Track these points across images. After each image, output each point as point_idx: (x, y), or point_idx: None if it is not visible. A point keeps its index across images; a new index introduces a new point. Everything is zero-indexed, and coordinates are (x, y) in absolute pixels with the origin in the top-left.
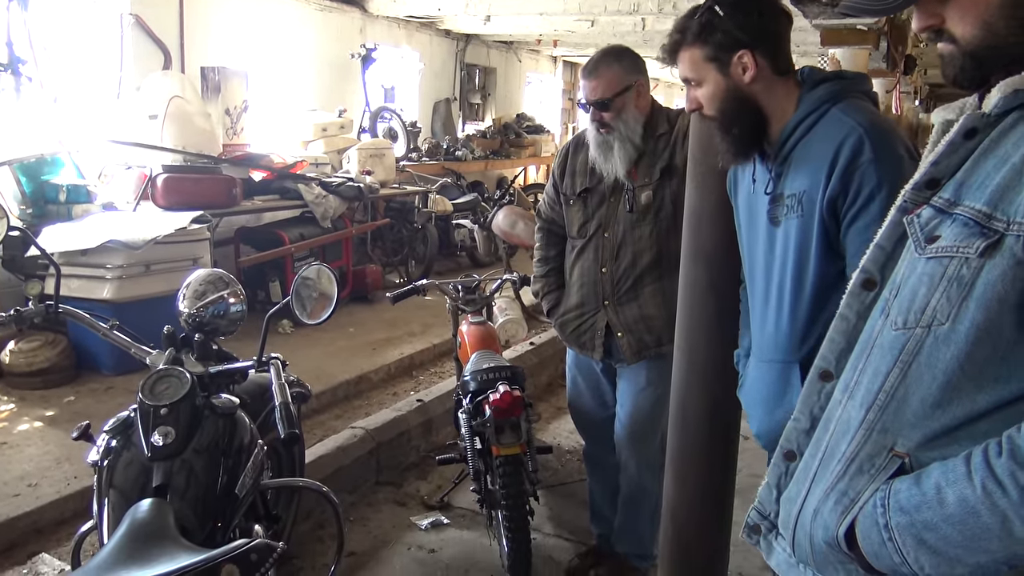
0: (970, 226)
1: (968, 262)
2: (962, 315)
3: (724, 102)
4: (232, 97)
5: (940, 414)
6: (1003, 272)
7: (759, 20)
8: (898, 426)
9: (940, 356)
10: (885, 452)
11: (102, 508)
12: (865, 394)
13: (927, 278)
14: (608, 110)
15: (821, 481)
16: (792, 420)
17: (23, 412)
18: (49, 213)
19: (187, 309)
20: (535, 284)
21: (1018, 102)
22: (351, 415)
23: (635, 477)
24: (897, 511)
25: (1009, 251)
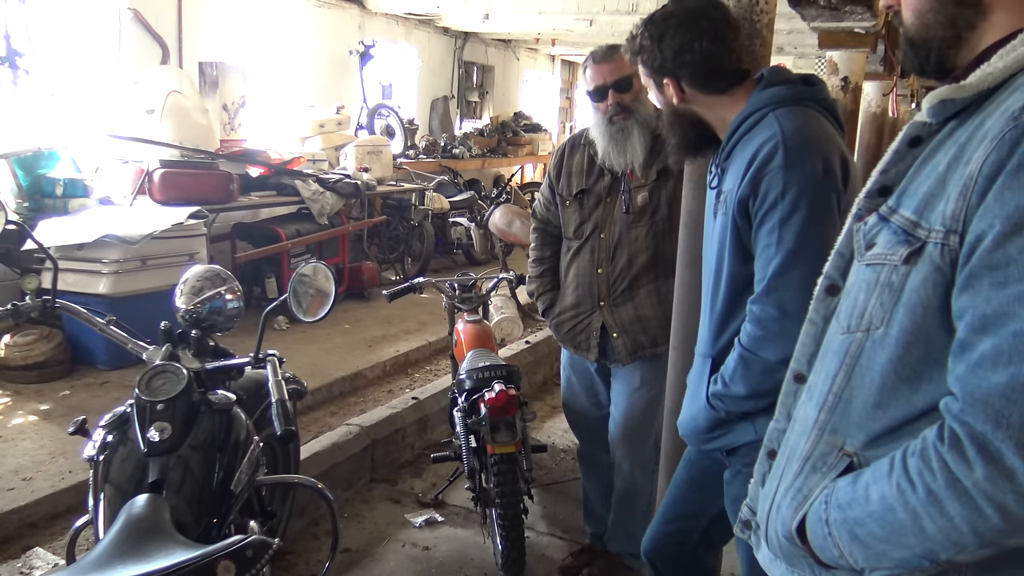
0: (898, 234)
1: (896, 269)
2: (893, 320)
3: (664, 114)
4: (230, 92)
5: (881, 415)
6: (925, 278)
7: (678, 54)
8: (845, 426)
9: (876, 359)
10: (836, 451)
11: (98, 503)
12: (819, 396)
13: (865, 284)
14: (628, 91)
15: (785, 478)
16: (773, 420)
17: (18, 406)
18: (45, 207)
19: (184, 305)
20: (530, 284)
21: (946, 113)
22: (346, 412)
23: (629, 476)
24: (835, 507)
25: (929, 258)
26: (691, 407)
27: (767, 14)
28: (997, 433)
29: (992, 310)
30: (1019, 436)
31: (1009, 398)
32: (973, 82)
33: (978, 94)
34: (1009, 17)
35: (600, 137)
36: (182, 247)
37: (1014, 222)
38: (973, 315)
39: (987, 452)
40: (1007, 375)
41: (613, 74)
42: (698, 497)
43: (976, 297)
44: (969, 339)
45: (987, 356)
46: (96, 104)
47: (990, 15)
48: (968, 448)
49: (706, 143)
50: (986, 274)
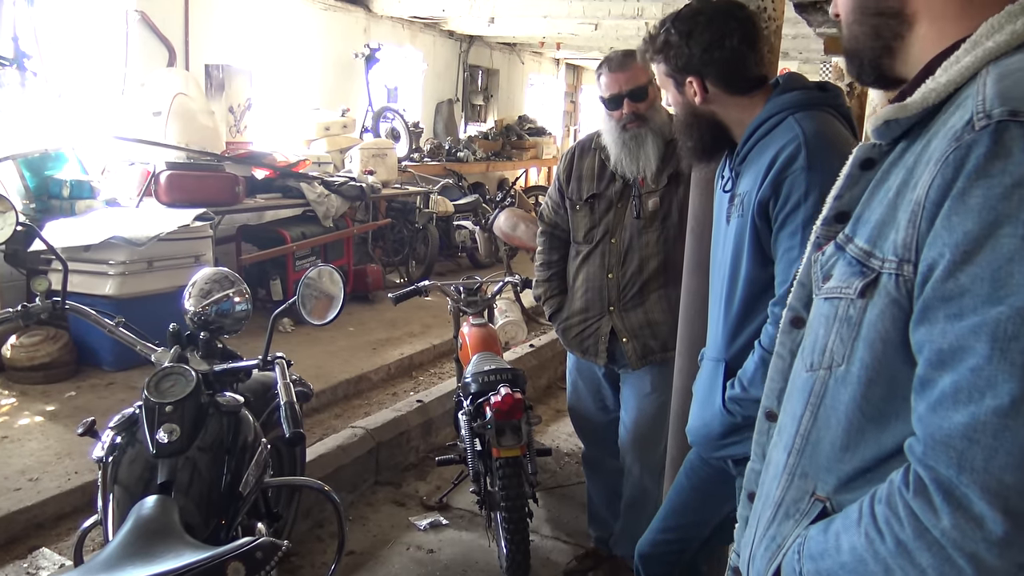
0: (853, 265)
1: (853, 303)
2: (854, 356)
3: (681, 115)
4: (236, 95)
5: (850, 456)
6: (882, 311)
7: (707, 51)
8: (815, 470)
9: (840, 398)
10: (808, 496)
11: (107, 504)
12: (787, 438)
13: (824, 319)
14: (643, 100)
15: (760, 525)
16: (750, 461)
17: (24, 406)
18: (52, 208)
19: (193, 307)
20: (537, 288)
21: (892, 134)
22: (351, 414)
23: (639, 482)
24: (807, 558)
25: (884, 290)
26: (703, 413)
27: (775, 20)
28: (961, 477)
29: (948, 344)
30: (984, 480)
31: (971, 439)
32: (916, 100)
33: (923, 111)
34: (937, 27)
35: (613, 144)
36: (188, 249)
37: (963, 250)
38: (930, 350)
39: (953, 498)
40: (967, 415)
41: (629, 83)
42: (701, 506)
43: (932, 331)
44: (928, 375)
45: (947, 394)
46: (103, 106)
47: (916, 25)
48: (934, 495)
49: (720, 147)
50: (940, 306)
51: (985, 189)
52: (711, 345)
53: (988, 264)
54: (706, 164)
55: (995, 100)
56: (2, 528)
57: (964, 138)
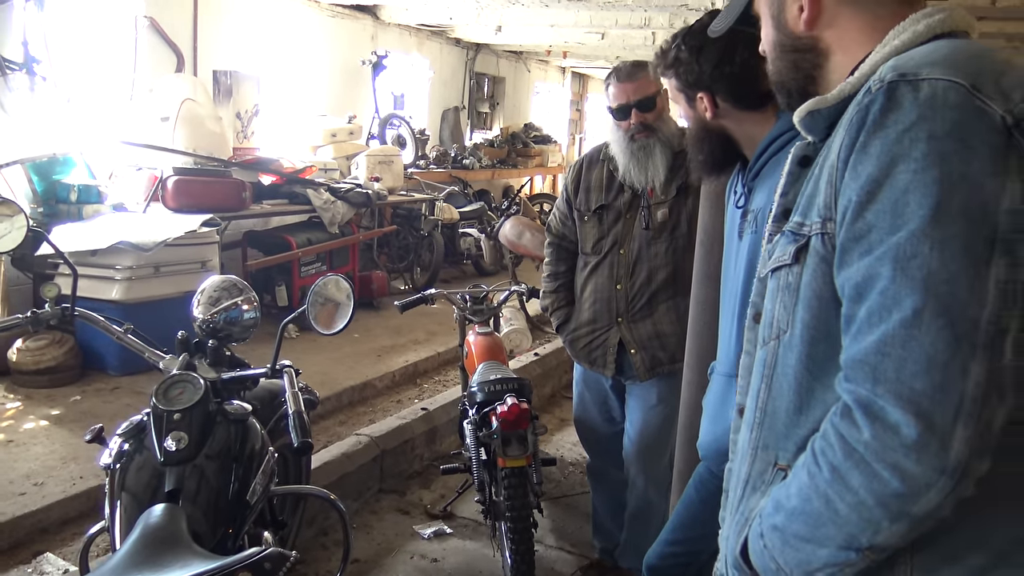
0: (788, 237)
1: (791, 269)
2: (795, 319)
3: (691, 129)
4: (243, 101)
5: (803, 420)
6: (814, 271)
7: (717, 67)
8: (774, 439)
9: (788, 362)
10: (771, 467)
11: (114, 511)
12: (748, 415)
13: (771, 293)
14: (652, 110)
15: (731, 506)
16: (729, 461)
17: (29, 410)
18: (60, 212)
19: (201, 315)
20: (544, 299)
21: (818, 126)
22: (355, 422)
23: (643, 493)
24: (766, 516)
25: (814, 250)
26: (715, 428)
27: None
28: (876, 389)
29: (862, 277)
30: (896, 388)
31: (883, 353)
32: (834, 93)
33: (840, 100)
34: (850, 55)
35: (621, 154)
36: (195, 255)
37: (867, 190)
38: (849, 287)
39: (871, 411)
40: (879, 333)
41: (637, 93)
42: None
43: (849, 270)
44: (849, 311)
45: (863, 321)
46: (111, 111)
47: (831, 56)
48: (855, 411)
49: (731, 161)
50: (853, 246)
51: (882, 138)
52: (722, 360)
53: (888, 199)
54: (716, 178)
55: (888, 69)
56: (7, 533)
57: (863, 100)
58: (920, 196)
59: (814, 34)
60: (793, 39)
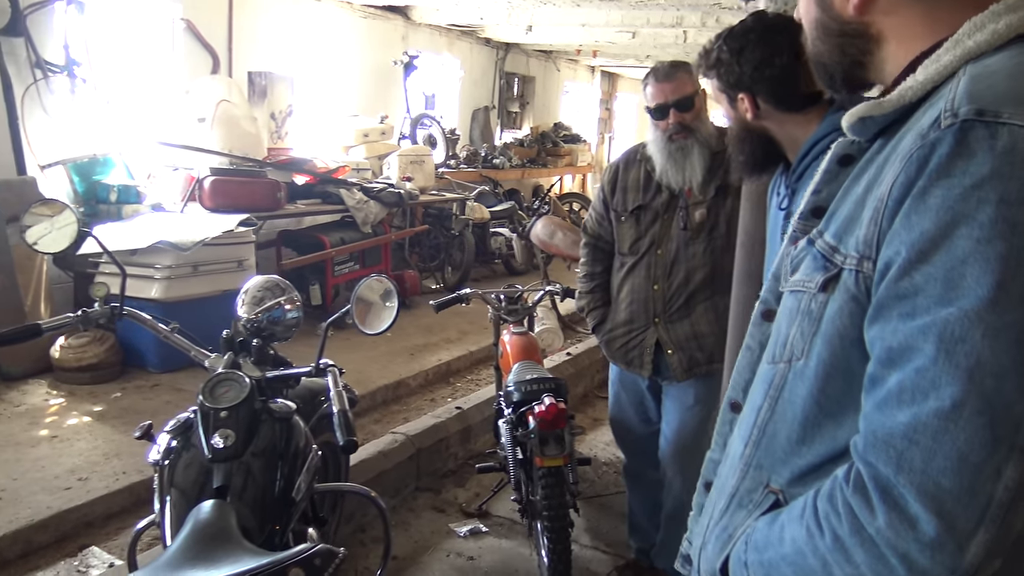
0: (818, 260)
1: (815, 297)
2: (812, 351)
3: (733, 130)
4: (278, 101)
5: (805, 451)
6: (841, 307)
7: (757, 68)
8: (770, 462)
9: (798, 392)
10: (761, 488)
11: (164, 507)
12: (745, 429)
13: (787, 312)
14: (690, 110)
15: (715, 514)
16: (709, 451)
17: (72, 407)
18: (100, 212)
19: (246, 314)
20: (580, 300)
21: (868, 132)
22: (389, 420)
23: (680, 494)
24: (753, 548)
25: (844, 286)
26: None
27: None
28: (899, 477)
29: (898, 343)
30: (921, 481)
31: (911, 439)
32: (893, 98)
33: (899, 110)
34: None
35: (658, 154)
36: (231, 254)
37: (919, 249)
38: (881, 347)
39: (890, 497)
40: (909, 415)
41: (675, 93)
42: None
43: (885, 329)
44: (877, 373)
45: (892, 393)
46: (149, 112)
47: (883, 44)
48: (872, 492)
49: (772, 162)
50: (894, 304)
51: (945, 189)
52: None
53: (942, 264)
54: (757, 179)
55: (963, 99)
56: (53, 526)
57: (929, 136)
58: (979, 271)
59: (865, 19)
60: (841, 23)
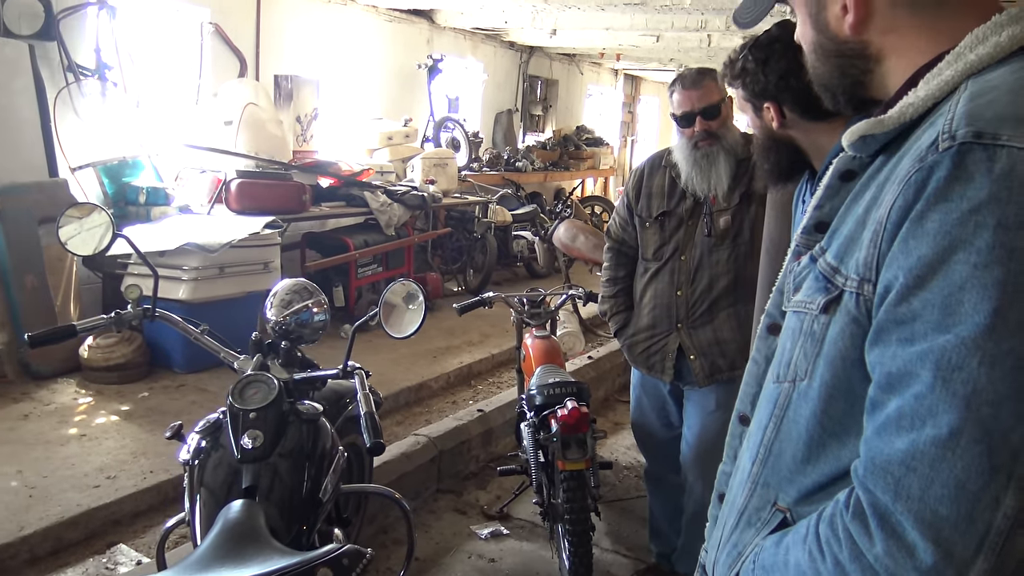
0: (819, 280)
1: (817, 318)
2: (815, 372)
3: (758, 138)
4: (303, 105)
5: (811, 470)
6: (842, 329)
7: (783, 78)
8: (777, 480)
9: (802, 412)
10: (769, 506)
11: (194, 506)
12: (753, 446)
13: (791, 332)
14: (716, 118)
15: (726, 530)
16: (721, 463)
17: (100, 406)
18: (129, 214)
19: (274, 317)
20: (603, 304)
21: (869, 149)
22: (412, 422)
23: (700, 499)
24: (760, 568)
25: (845, 308)
26: None
27: None
28: (896, 504)
29: (897, 368)
30: (919, 509)
31: (909, 467)
32: (894, 115)
33: (900, 127)
34: (906, 59)
35: (684, 161)
36: (257, 256)
37: (916, 274)
38: (880, 372)
39: (887, 525)
40: (907, 442)
41: (702, 100)
42: None
43: (884, 353)
44: (877, 397)
45: (891, 419)
46: (178, 115)
47: (883, 61)
48: (870, 519)
49: (798, 170)
50: (893, 329)
51: (943, 214)
52: None
53: (939, 291)
54: (783, 187)
55: (962, 120)
56: (83, 523)
57: (927, 159)
58: (977, 297)
59: (863, 38)
60: (837, 43)
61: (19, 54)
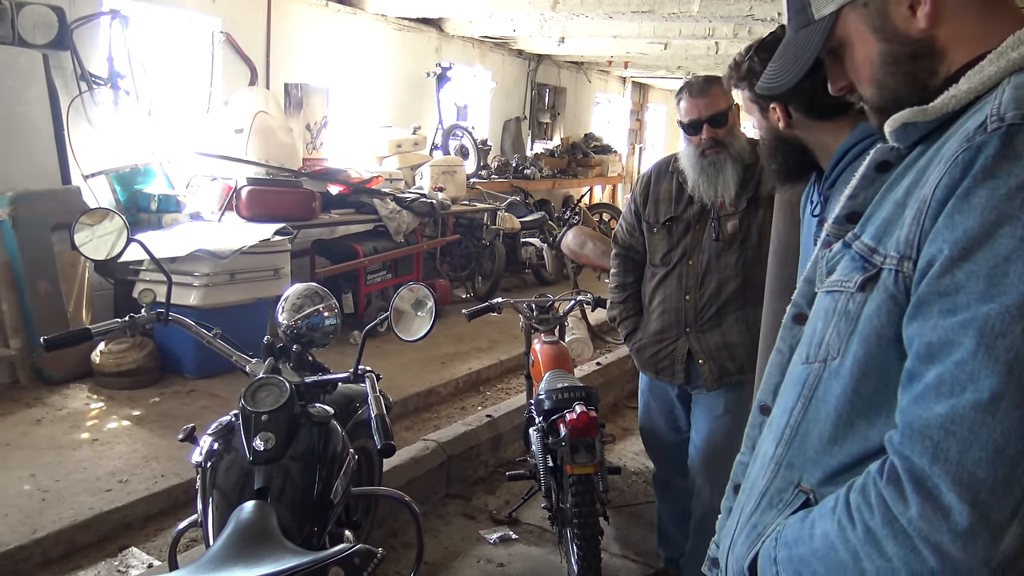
0: (856, 260)
1: (852, 297)
2: (848, 350)
3: (765, 140)
4: (313, 113)
5: (837, 450)
6: (879, 306)
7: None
8: (802, 461)
9: (832, 391)
10: (792, 487)
11: (207, 507)
12: (777, 429)
13: (823, 312)
14: (723, 126)
15: (744, 514)
16: (739, 453)
17: (112, 411)
18: (141, 221)
19: (285, 321)
20: (612, 310)
21: (910, 138)
22: (420, 427)
23: (708, 503)
24: (783, 545)
25: (884, 285)
26: None
27: None
28: (934, 468)
29: (938, 338)
30: (956, 472)
31: (948, 430)
32: (937, 105)
33: (942, 117)
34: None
35: (691, 169)
36: (268, 262)
37: (962, 247)
38: (920, 343)
39: (923, 488)
40: (947, 407)
41: (709, 108)
42: None
43: (924, 325)
44: (916, 368)
45: (930, 386)
46: (189, 123)
47: (947, 55)
48: (905, 483)
49: (806, 171)
50: (935, 301)
51: (990, 189)
52: None
53: (985, 262)
54: (792, 187)
55: (1010, 104)
56: (95, 527)
57: (975, 139)
58: (1023, 268)
59: (933, 32)
60: (912, 44)
61: (33, 63)
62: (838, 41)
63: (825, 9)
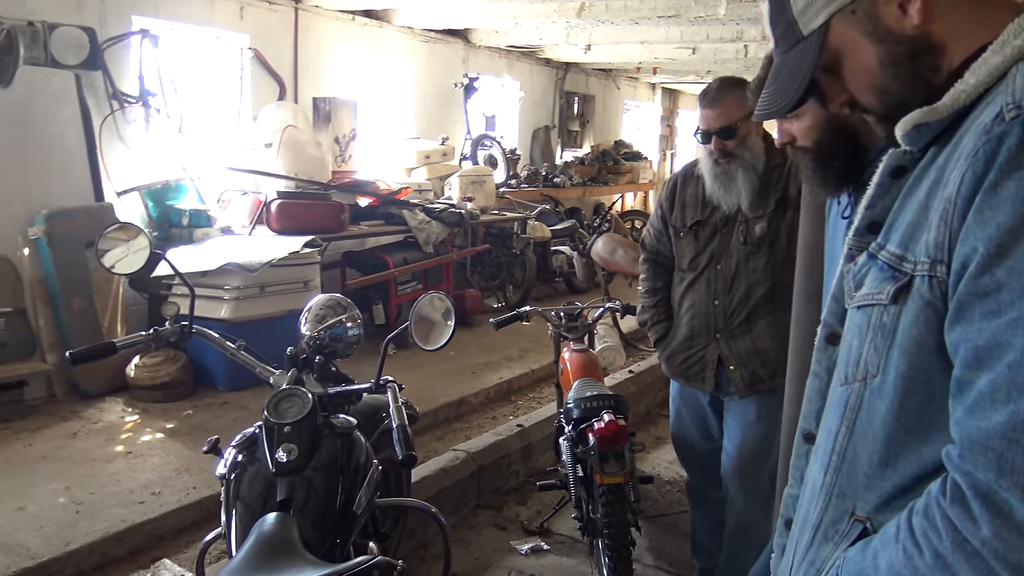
0: (884, 271)
1: (886, 309)
2: (889, 365)
3: (822, 133)
4: (341, 126)
5: (890, 472)
6: (916, 316)
7: None
8: (853, 488)
9: (877, 410)
10: (847, 517)
11: (230, 519)
12: (823, 456)
13: (857, 329)
14: (732, 138)
15: (799, 549)
16: (787, 487)
17: (146, 423)
18: (173, 236)
19: (308, 332)
20: (642, 315)
21: (923, 139)
22: (451, 437)
23: (742, 512)
24: None
25: (918, 293)
26: None
27: None
28: (1001, 481)
29: (985, 341)
30: None
31: (1010, 439)
32: (947, 102)
33: (953, 114)
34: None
35: (707, 174)
36: (297, 275)
37: (997, 243)
38: (966, 349)
39: (993, 504)
40: (1006, 413)
41: (718, 120)
42: None
43: (968, 329)
44: (965, 376)
45: (984, 394)
46: (219, 139)
47: (946, 50)
48: (972, 501)
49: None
50: (976, 303)
51: (1018, 180)
52: None
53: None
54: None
55: None
56: (128, 539)
57: (994, 130)
58: None
59: (928, 28)
60: (909, 42)
61: (66, 84)
62: (832, 54)
63: (813, 23)
